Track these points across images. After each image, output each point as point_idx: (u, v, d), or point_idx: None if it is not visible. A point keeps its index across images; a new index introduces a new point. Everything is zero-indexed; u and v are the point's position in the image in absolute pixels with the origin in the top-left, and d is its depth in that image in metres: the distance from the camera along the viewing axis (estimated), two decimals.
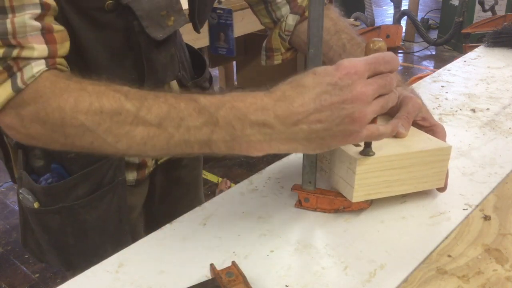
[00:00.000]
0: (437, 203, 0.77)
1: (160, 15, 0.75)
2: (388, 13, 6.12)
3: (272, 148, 0.59)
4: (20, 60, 0.60)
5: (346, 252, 0.67)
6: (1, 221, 2.50)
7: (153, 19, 0.74)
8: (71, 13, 0.68)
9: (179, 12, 0.79)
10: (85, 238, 0.84)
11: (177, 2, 0.78)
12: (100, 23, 0.71)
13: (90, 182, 0.80)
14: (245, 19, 2.41)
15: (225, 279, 0.60)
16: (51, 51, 0.62)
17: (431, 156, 0.72)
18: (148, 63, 0.79)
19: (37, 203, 0.81)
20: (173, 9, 0.77)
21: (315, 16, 0.65)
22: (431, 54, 4.93)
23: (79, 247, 0.85)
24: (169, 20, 0.76)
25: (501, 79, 1.28)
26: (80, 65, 0.72)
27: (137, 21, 0.72)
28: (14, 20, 0.59)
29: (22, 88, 0.60)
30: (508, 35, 1.50)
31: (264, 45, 0.96)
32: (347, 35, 0.87)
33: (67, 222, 0.82)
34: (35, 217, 0.83)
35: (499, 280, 0.62)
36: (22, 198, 0.82)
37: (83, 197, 0.80)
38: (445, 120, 1.06)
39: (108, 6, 0.69)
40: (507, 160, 0.89)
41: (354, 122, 0.57)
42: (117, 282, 0.63)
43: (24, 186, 0.82)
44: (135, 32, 0.73)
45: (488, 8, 4.35)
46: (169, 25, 0.77)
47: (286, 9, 0.90)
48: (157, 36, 0.75)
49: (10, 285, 2.09)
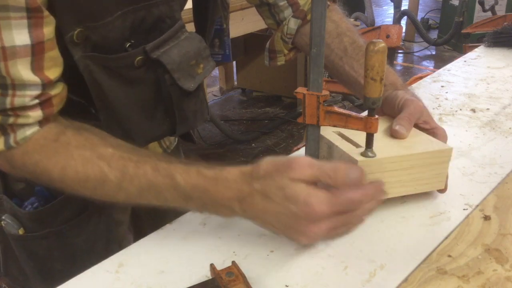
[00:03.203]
0: (437, 203, 0.77)
1: (190, 65, 0.74)
2: (388, 13, 6.12)
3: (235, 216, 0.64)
4: (15, 126, 0.63)
5: (346, 252, 0.67)
6: None
7: (184, 70, 0.73)
8: (99, 72, 0.67)
9: (207, 58, 0.78)
10: (73, 262, 0.82)
11: (205, 48, 0.77)
12: (130, 79, 0.71)
13: (76, 203, 0.78)
14: (245, 19, 2.40)
15: (225, 279, 0.60)
16: (47, 115, 0.64)
17: (432, 158, 0.72)
18: (179, 113, 0.78)
19: (21, 229, 0.79)
20: (201, 57, 0.76)
21: (317, 16, 0.65)
22: (431, 54, 4.93)
23: (66, 272, 0.81)
24: (198, 68, 0.76)
25: (501, 79, 1.28)
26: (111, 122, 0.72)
27: (168, 74, 0.72)
28: (14, 100, 0.60)
29: (14, 147, 0.63)
30: (508, 35, 1.50)
31: (267, 46, 0.96)
32: (349, 38, 0.87)
33: (55, 246, 0.80)
34: (20, 244, 0.81)
35: (499, 280, 0.62)
36: (5, 225, 0.80)
37: (71, 219, 0.79)
38: (445, 120, 1.06)
39: (138, 62, 0.69)
40: (507, 160, 0.89)
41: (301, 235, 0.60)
42: (117, 282, 0.63)
43: (7, 211, 0.80)
44: (167, 85, 0.73)
45: (488, 8, 4.34)
46: (199, 73, 0.76)
47: (288, 11, 0.90)
48: (189, 87, 0.75)
49: (10, 285, 2.09)
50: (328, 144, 0.74)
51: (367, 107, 0.67)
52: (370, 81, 0.64)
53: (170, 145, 0.98)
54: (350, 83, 0.86)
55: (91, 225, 0.81)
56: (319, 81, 0.68)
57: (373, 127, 0.67)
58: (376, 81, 0.64)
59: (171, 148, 0.98)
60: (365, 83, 0.65)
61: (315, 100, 0.69)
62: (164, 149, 0.97)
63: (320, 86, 0.68)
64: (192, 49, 0.74)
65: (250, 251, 0.68)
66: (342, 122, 0.69)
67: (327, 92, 0.69)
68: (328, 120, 0.70)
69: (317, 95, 0.68)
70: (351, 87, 0.88)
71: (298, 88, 0.70)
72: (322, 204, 0.57)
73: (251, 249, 0.68)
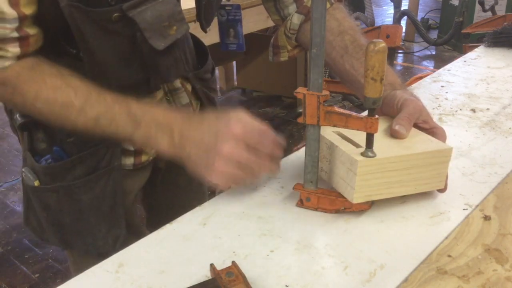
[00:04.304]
0: (437, 203, 0.77)
1: (162, 26, 0.79)
2: (388, 13, 6.12)
3: (172, 153, 0.74)
4: None
5: (346, 252, 0.67)
6: (1, 221, 2.50)
7: (156, 30, 0.78)
8: (82, 21, 0.74)
9: (181, 21, 0.82)
10: (80, 217, 0.89)
11: (179, 12, 0.81)
12: (109, 31, 0.76)
13: (87, 165, 0.86)
14: (245, 19, 2.41)
15: (225, 279, 0.60)
16: (24, 51, 0.74)
17: (432, 158, 0.72)
18: (152, 67, 0.84)
19: (37, 181, 0.88)
20: (175, 19, 0.81)
21: (318, 16, 0.65)
22: (431, 54, 4.93)
23: (75, 226, 0.90)
24: (171, 29, 0.81)
25: (501, 79, 1.28)
26: (92, 64, 0.79)
27: (140, 33, 0.76)
28: None
29: None
30: (508, 35, 1.50)
31: (271, 42, 0.98)
32: (351, 37, 0.88)
33: (64, 200, 0.87)
34: (35, 195, 0.89)
35: (499, 280, 0.62)
36: (24, 177, 0.89)
37: (80, 178, 0.86)
38: (445, 120, 1.06)
39: (115, 18, 0.75)
40: (507, 160, 0.89)
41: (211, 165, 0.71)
42: (117, 282, 0.63)
43: (28, 165, 0.89)
44: (138, 41, 0.78)
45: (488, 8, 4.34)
46: (171, 34, 0.81)
47: (293, 7, 0.92)
48: (159, 46, 0.79)
49: (10, 285, 2.09)
50: (328, 144, 0.74)
51: (367, 107, 0.67)
52: (371, 81, 0.64)
53: None
54: (350, 81, 0.87)
55: (99, 186, 0.87)
56: (319, 81, 0.68)
57: (373, 127, 0.67)
58: (377, 81, 0.64)
59: None
60: (365, 83, 0.65)
61: (315, 100, 0.69)
62: None
63: (320, 86, 0.68)
64: (166, 11, 0.79)
65: (250, 251, 0.68)
66: (342, 122, 0.69)
67: (327, 92, 0.69)
68: (328, 120, 0.70)
69: (317, 95, 0.68)
70: (351, 86, 0.88)
71: (298, 88, 0.70)
72: (238, 125, 0.70)
73: (251, 249, 0.68)
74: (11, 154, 3.11)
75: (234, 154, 0.70)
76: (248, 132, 0.71)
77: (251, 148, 0.71)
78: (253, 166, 0.71)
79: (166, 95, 0.95)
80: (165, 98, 0.95)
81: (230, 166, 0.70)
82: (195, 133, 0.72)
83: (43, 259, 2.22)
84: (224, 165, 0.70)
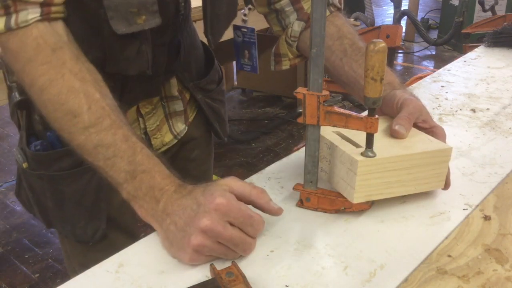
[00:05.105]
0: (437, 203, 0.77)
1: (129, 11, 0.76)
2: (388, 13, 6.12)
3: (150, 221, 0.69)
4: (18, 3, 0.66)
5: (346, 252, 0.67)
6: (1, 221, 2.50)
7: (120, 12, 0.75)
8: None
9: (153, 14, 0.79)
10: (61, 206, 0.89)
11: (153, 3, 0.78)
12: (77, 2, 0.74)
13: (73, 158, 0.83)
14: None
15: (225, 279, 0.60)
16: None
17: (432, 158, 0.72)
18: (109, 51, 0.79)
19: (26, 164, 0.88)
20: (146, 9, 0.77)
21: (318, 16, 0.65)
22: (431, 54, 4.93)
23: (57, 212, 0.90)
24: (139, 18, 0.77)
25: (501, 79, 1.28)
26: None
27: (103, 10, 0.74)
28: None
29: (13, 28, 0.67)
30: (508, 35, 1.50)
31: (273, 51, 0.98)
32: (349, 40, 0.88)
33: (47, 188, 0.87)
34: (24, 175, 0.90)
35: (499, 280, 0.62)
36: (16, 156, 0.89)
37: (65, 170, 0.85)
38: (445, 120, 1.06)
39: None
40: (507, 160, 0.89)
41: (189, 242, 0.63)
42: (117, 282, 0.63)
43: (20, 146, 0.89)
44: (101, 19, 0.75)
45: (488, 8, 4.34)
46: (138, 23, 0.77)
47: (294, 16, 0.92)
48: (119, 30, 0.76)
49: (10, 285, 2.09)
50: (328, 144, 0.74)
51: (367, 107, 0.67)
52: (370, 81, 0.64)
53: (180, 133, 1.01)
54: (349, 83, 0.87)
55: (83, 180, 0.86)
56: (319, 81, 0.68)
57: (373, 127, 0.67)
58: (377, 81, 0.64)
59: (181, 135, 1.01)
60: (365, 83, 0.65)
61: (315, 100, 0.69)
62: (174, 135, 0.99)
63: (320, 86, 0.68)
64: None
65: None
66: (342, 122, 0.69)
67: (327, 92, 0.69)
68: (328, 120, 0.70)
69: (317, 95, 0.68)
70: (350, 88, 0.88)
71: (298, 88, 0.70)
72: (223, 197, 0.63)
73: None
74: (11, 154, 3.11)
75: (213, 227, 0.62)
76: (232, 210, 0.63)
77: (234, 224, 0.64)
78: (234, 242, 0.64)
79: (161, 101, 0.94)
80: (161, 103, 0.94)
81: (207, 240, 0.62)
82: (178, 209, 0.65)
83: (43, 259, 2.23)
84: (201, 238, 0.62)
